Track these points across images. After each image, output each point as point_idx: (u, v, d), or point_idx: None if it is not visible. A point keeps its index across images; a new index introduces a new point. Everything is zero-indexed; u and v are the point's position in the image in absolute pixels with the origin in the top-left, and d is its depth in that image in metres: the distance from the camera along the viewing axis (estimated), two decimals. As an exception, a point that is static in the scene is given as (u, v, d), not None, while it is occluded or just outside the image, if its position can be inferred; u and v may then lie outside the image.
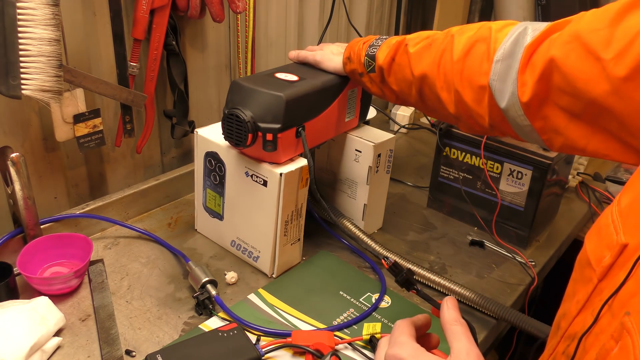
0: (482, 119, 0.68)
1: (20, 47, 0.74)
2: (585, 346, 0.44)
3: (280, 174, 0.82)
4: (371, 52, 0.81)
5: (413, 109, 1.55)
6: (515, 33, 0.63)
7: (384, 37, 0.83)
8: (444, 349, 0.76)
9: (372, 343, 0.76)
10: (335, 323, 0.81)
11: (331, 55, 0.90)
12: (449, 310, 0.56)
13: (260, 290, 0.87)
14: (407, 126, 1.54)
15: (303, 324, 0.81)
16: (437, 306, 0.78)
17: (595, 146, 0.58)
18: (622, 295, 0.40)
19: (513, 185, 1.02)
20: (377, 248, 0.94)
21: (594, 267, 0.45)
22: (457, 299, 0.88)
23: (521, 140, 0.69)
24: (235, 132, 0.81)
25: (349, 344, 0.77)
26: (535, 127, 0.63)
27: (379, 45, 0.81)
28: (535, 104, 0.61)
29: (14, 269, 0.80)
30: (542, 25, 0.61)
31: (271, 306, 0.84)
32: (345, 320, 0.82)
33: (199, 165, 0.94)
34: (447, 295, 0.89)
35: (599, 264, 0.44)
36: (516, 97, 0.62)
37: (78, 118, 0.90)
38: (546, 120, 0.61)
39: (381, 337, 0.55)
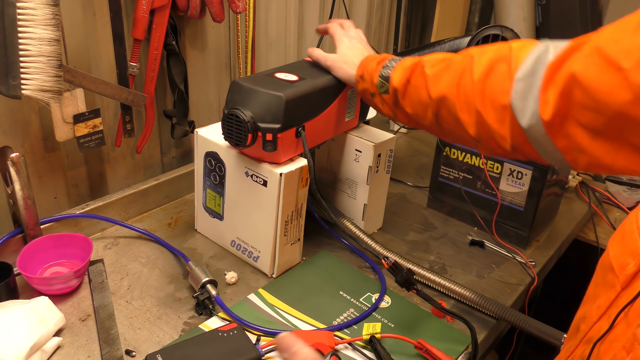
0: (504, 140, 0.66)
1: (20, 47, 0.74)
2: (599, 353, 0.44)
3: (280, 174, 0.82)
4: (385, 73, 0.79)
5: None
6: (537, 51, 0.62)
7: (398, 57, 0.80)
8: (444, 348, 0.76)
9: (372, 343, 0.76)
10: (335, 323, 0.81)
11: (344, 65, 0.87)
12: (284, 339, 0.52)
13: (260, 290, 0.87)
14: (407, 126, 1.54)
15: (303, 324, 0.81)
16: (437, 306, 0.78)
17: (622, 162, 0.57)
18: (638, 305, 0.40)
19: (513, 185, 1.02)
20: (377, 248, 0.94)
21: (617, 274, 0.44)
22: (457, 299, 0.88)
23: (545, 163, 0.67)
24: (235, 132, 0.81)
25: (349, 344, 0.77)
26: (558, 147, 0.61)
27: (393, 67, 0.78)
28: (557, 121, 0.59)
29: (14, 269, 0.80)
30: (564, 44, 0.60)
31: (271, 306, 0.84)
32: (345, 320, 0.82)
33: (199, 165, 0.94)
34: (447, 295, 0.89)
35: (622, 271, 0.44)
36: (538, 115, 0.60)
37: (78, 118, 0.90)
38: (569, 139, 0.60)
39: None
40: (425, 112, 0.75)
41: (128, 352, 0.73)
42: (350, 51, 0.88)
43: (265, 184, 0.84)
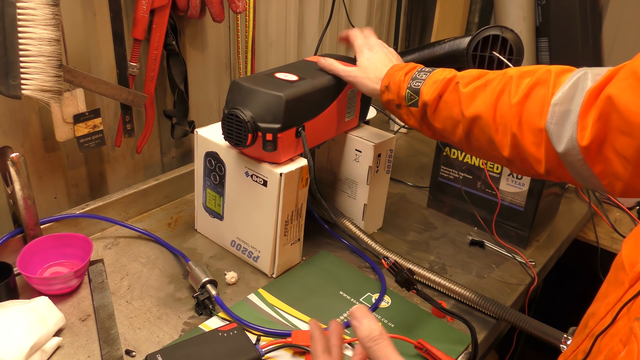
0: (538, 163, 0.66)
1: (20, 47, 0.74)
2: (600, 346, 0.44)
3: (280, 174, 0.82)
4: (415, 85, 0.77)
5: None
6: (575, 77, 0.62)
7: (427, 69, 0.78)
8: (444, 348, 0.76)
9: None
10: (335, 323, 0.81)
11: (366, 80, 0.84)
12: (363, 322, 0.52)
13: (260, 290, 0.87)
14: (407, 126, 1.54)
15: (303, 324, 0.81)
16: (437, 306, 0.78)
17: None
18: None
19: (513, 185, 1.02)
20: (377, 248, 0.94)
21: (627, 272, 0.45)
22: (457, 299, 0.88)
23: (579, 186, 0.67)
24: (235, 132, 0.81)
25: (349, 344, 0.77)
26: (595, 172, 0.61)
27: (424, 80, 0.76)
28: (594, 147, 0.59)
29: (14, 269, 0.80)
30: (603, 70, 0.60)
31: (271, 306, 0.84)
32: (346, 320, 0.82)
33: (199, 165, 0.94)
34: (447, 295, 0.89)
35: (632, 269, 0.44)
36: (575, 141, 0.60)
37: (78, 118, 0.90)
38: (606, 164, 0.59)
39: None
40: (455, 129, 0.74)
41: (128, 352, 0.73)
42: (370, 63, 0.86)
43: (265, 184, 0.84)
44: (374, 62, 0.85)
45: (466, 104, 0.71)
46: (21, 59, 0.74)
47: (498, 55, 0.91)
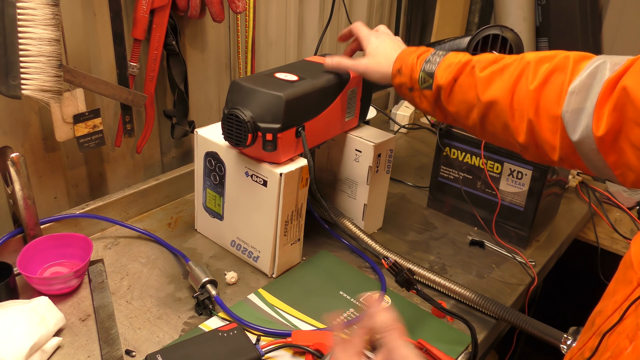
0: (553, 150, 0.66)
1: (20, 47, 0.74)
2: (608, 343, 0.44)
3: (280, 174, 0.82)
4: (428, 68, 0.76)
5: (413, 108, 1.55)
6: (593, 66, 0.62)
7: (441, 52, 0.77)
8: (444, 348, 0.76)
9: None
10: (335, 323, 0.81)
11: (378, 66, 0.83)
12: (378, 311, 0.52)
13: (260, 290, 0.87)
14: (407, 126, 1.54)
15: (303, 324, 0.81)
16: (437, 306, 0.78)
17: None
18: None
19: (513, 185, 1.02)
20: (377, 248, 0.94)
21: (636, 271, 0.45)
22: (457, 299, 0.88)
23: (592, 174, 0.66)
24: (235, 132, 0.81)
25: (349, 344, 0.77)
26: (608, 162, 0.61)
27: (438, 62, 0.75)
28: (609, 138, 0.59)
29: (14, 269, 0.80)
30: (622, 59, 0.60)
31: (271, 306, 0.84)
32: (345, 320, 0.82)
33: (199, 165, 0.94)
34: (447, 295, 0.89)
35: None
36: (590, 130, 0.60)
37: (78, 118, 0.90)
38: (620, 155, 0.59)
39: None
40: (470, 113, 0.73)
41: (128, 352, 0.73)
42: (380, 50, 0.84)
43: (265, 184, 0.84)
44: (383, 48, 0.84)
45: (482, 88, 0.70)
46: (21, 59, 0.74)
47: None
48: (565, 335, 0.78)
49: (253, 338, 0.75)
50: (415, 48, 0.81)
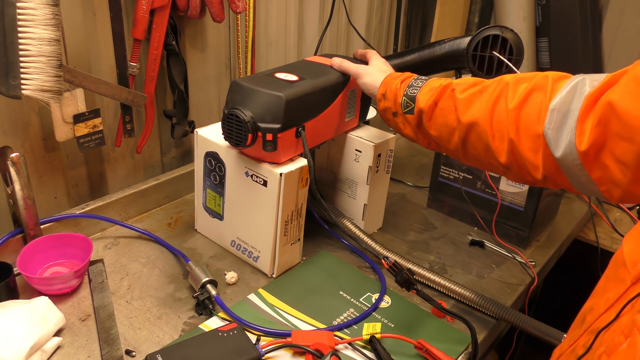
0: (535, 169, 0.66)
1: (20, 47, 0.74)
2: (602, 341, 0.45)
3: (280, 174, 0.82)
4: (411, 92, 0.77)
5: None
6: (572, 83, 0.62)
7: (423, 77, 0.79)
8: (444, 348, 0.76)
9: (372, 343, 0.76)
10: (335, 323, 0.81)
11: (373, 80, 0.86)
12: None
13: (260, 290, 0.87)
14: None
15: (303, 324, 0.81)
16: (437, 306, 0.78)
17: None
18: None
19: (513, 185, 1.02)
20: (377, 248, 0.94)
21: (630, 269, 0.45)
22: (457, 299, 0.88)
23: (576, 192, 0.66)
24: (235, 132, 0.81)
25: (349, 344, 0.77)
26: (593, 178, 0.61)
27: (420, 87, 0.77)
28: (593, 152, 0.59)
29: (14, 269, 0.80)
30: (601, 76, 0.60)
31: (271, 306, 0.84)
32: (345, 320, 0.82)
33: (199, 165, 0.94)
34: (447, 295, 0.89)
35: (634, 267, 0.45)
36: (573, 145, 0.60)
37: (78, 118, 0.90)
38: (605, 170, 0.59)
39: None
40: (451, 136, 0.74)
41: (128, 352, 0.73)
42: (382, 67, 0.88)
43: (265, 184, 0.84)
44: (384, 68, 0.88)
45: (462, 110, 0.71)
46: (21, 59, 0.74)
47: (498, 55, 0.91)
48: (565, 335, 0.78)
49: (253, 338, 0.75)
50: (400, 74, 0.83)
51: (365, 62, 0.93)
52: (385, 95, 0.81)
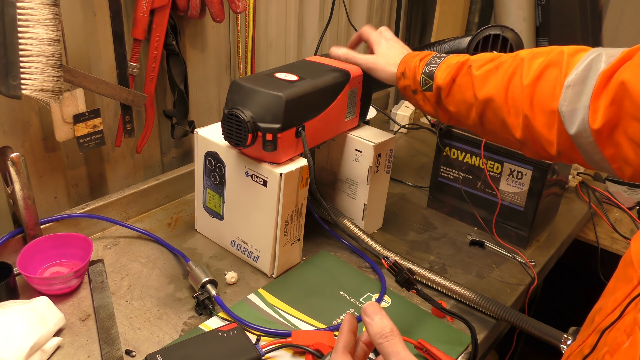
0: (550, 145, 0.66)
1: (20, 47, 0.74)
2: (607, 340, 0.45)
3: (280, 174, 0.82)
4: (429, 70, 0.78)
5: (413, 108, 1.55)
6: (588, 59, 0.62)
7: (442, 55, 0.80)
8: (444, 348, 0.76)
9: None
10: (335, 323, 0.81)
11: (387, 65, 0.86)
12: (375, 319, 0.50)
13: (260, 290, 0.87)
14: (407, 126, 1.54)
15: (303, 324, 0.81)
16: (437, 306, 0.78)
17: None
18: None
19: (513, 185, 1.02)
20: (377, 248, 0.94)
21: (637, 269, 0.45)
22: (457, 299, 0.88)
23: (590, 168, 0.67)
24: (235, 132, 0.81)
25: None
26: (605, 156, 0.61)
27: (438, 64, 0.78)
28: (606, 130, 0.59)
29: (14, 269, 0.80)
30: (618, 52, 0.60)
31: (271, 306, 0.84)
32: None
33: (199, 165, 0.94)
34: (447, 295, 0.89)
35: None
36: (587, 123, 0.60)
37: (78, 118, 0.90)
38: (617, 148, 0.59)
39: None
40: (469, 112, 0.74)
41: (128, 352, 0.73)
42: (389, 51, 0.87)
43: (265, 184, 0.84)
44: (393, 50, 0.87)
45: (479, 86, 0.72)
46: (21, 59, 0.74)
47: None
48: (565, 335, 0.78)
49: (253, 338, 0.75)
50: (419, 52, 0.83)
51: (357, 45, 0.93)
52: (405, 74, 0.81)
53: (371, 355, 0.77)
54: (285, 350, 0.75)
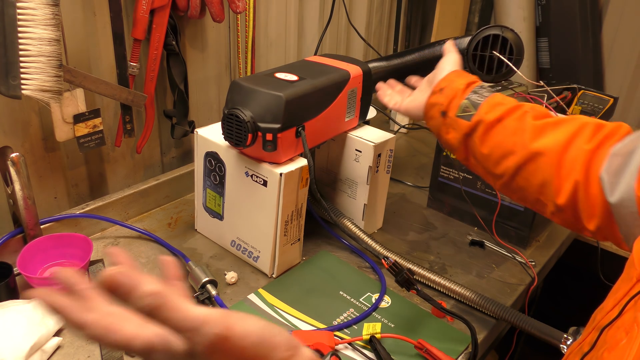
0: (591, 216, 0.62)
1: (20, 47, 0.74)
2: (606, 338, 0.45)
3: (280, 174, 0.82)
4: (474, 99, 0.71)
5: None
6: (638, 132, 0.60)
7: (488, 87, 0.73)
8: (444, 348, 0.76)
9: (372, 343, 0.76)
10: (335, 323, 0.81)
11: (415, 98, 0.83)
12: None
13: (260, 290, 0.87)
14: (407, 126, 1.54)
15: (303, 324, 0.81)
16: (437, 306, 0.78)
17: None
18: None
19: (513, 185, 1.02)
20: (377, 248, 0.94)
21: (637, 267, 0.45)
22: (457, 299, 0.88)
23: (624, 248, 0.61)
24: (235, 132, 0.81)
25: (349, 344, 0.77)
26: None
27: (486, 97, 0.71)
28: None
29: (14, 269, 0.80)
30: None
31: (271, 306, 0.84)
32: (345, 320, 0.82)
33: (199, 165, 0.94)
34: (447, 295, 0.89)
35: None
36: (632, 189, 0.56)
37: (78, 118, 0.90)
38: None
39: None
40: (504, 159, 0.68)
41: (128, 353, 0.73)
42: (424, 87, 0.84)
43: (265, 184, 0.84)
44: (425, 87, 0.83)
45: (532, 136, 0.66)
46: (21, 59, 0.74)
47: (498, 55, 0.91)
48: (565, 335, 0.78)
49: (253, 338, 0.75)
50: (467, 73, 0.78)
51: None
52: (443, 91, 0.74)
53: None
54: (285, 350, 0.75)
